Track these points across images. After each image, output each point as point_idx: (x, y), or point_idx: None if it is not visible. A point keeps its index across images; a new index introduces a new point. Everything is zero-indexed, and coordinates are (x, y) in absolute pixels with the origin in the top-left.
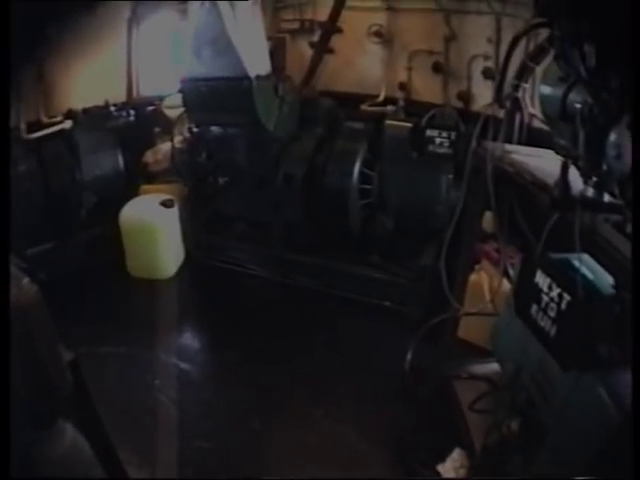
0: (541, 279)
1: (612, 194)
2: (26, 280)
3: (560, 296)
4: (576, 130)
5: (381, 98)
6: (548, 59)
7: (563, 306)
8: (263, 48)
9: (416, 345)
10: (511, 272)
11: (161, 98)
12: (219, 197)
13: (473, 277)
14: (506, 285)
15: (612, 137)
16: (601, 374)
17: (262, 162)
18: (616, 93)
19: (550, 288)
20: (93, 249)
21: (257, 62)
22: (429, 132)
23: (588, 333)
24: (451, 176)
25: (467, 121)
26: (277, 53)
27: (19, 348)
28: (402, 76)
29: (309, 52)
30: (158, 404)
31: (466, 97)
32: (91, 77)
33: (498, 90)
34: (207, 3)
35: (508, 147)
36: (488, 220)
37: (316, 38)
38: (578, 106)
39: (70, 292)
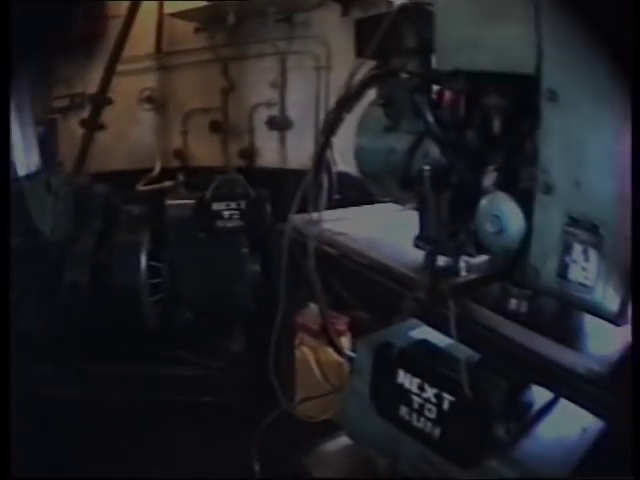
0: (407, 380)
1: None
2: None
3: (438, 396)
4: (424, 195)
5: (156, 172)
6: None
7: (445, 406)
8: (31, 139)
9: (260, 439)
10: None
11: None
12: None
13: (296, 354)
14: (333, 355)
15: (486, 206)
16: (504, 453)
17: (45, 272)
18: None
19: (422, 389)
20: None
21: (25, 157)
22: (215, 206)
23: (481, 425)
24: (246, 250)
25: (254, 181)
26: (48, 138)
27: None
28: (178, 142)
29: (80, 131)
30: None
31: (249, 154)
32: None
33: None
34: None
35: (324, 216)
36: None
37: (87, 114)
38: (426, 167)
39: None
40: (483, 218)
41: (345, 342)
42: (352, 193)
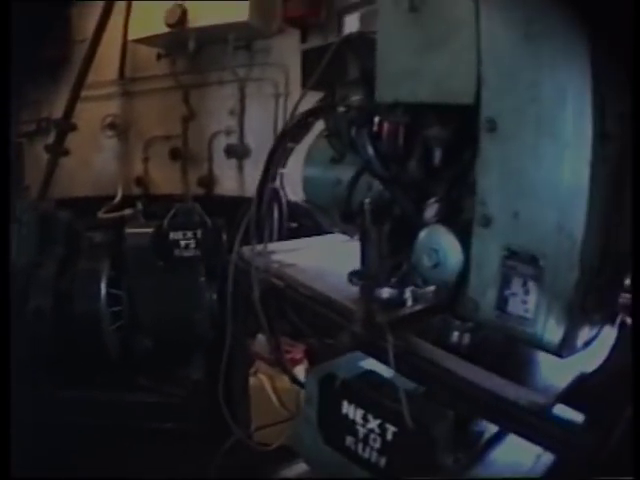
0: (351, 410)
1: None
2: None
3: (382, 427)
4: (365, 228)
5: (118, 199)
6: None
7: (389, 437)
8: None
9: (219, 464)
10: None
11: None
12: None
13: (253, 382)
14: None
15: (423, 239)
16: None
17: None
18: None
19: (366, 419)
20: None
21: None
22: (173, 235)
23: (426, 455)
24: (203, 279)
25: (212, 209)
26: (14, 162)
27: None
28: (139, 169)
29: (46, 156)
30: None
31: (207, 182)
32: None
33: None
34: None
35: (270, 247)
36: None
37: (52, 139)
38: (367, 200)
39: None
40: (421, 252)
41: (302, 370)
42: (308, 222)
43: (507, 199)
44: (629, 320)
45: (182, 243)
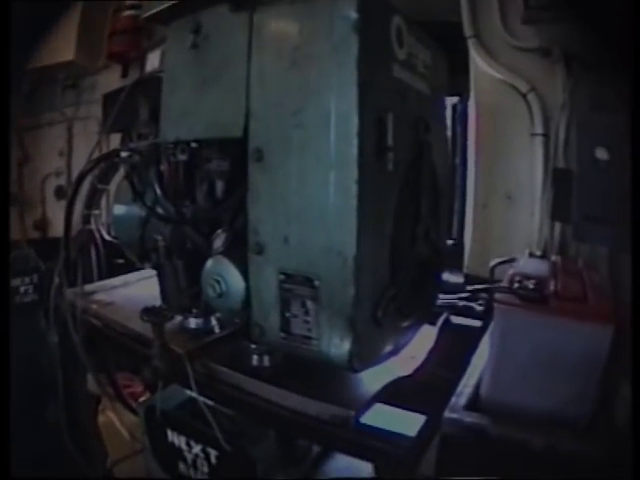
0: (176, 438)
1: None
2: None
3: (205, 451)
4: (160, 263)
5: None
6: None
7: (213, 460)
8: None
9: None
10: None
11: None
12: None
13: (102, 420)
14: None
15: (206, 271)
16: None
17: None
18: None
19: (189, 445)
20: None
21: None
22: (13, 282)
23: (249, 475)
24: (43, 322)
25: (48, 252)
26: None
27: None
28: None
29: None
30: None
31: (42, 225)
32: None
33: (66, 234)
34: None
35: (90, 287)
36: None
37: None
38: (159, 237)
39: None
40: (205, 283)
41: None
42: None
43: (277, 225)
44: (454, 318)
45: (22, 289)
